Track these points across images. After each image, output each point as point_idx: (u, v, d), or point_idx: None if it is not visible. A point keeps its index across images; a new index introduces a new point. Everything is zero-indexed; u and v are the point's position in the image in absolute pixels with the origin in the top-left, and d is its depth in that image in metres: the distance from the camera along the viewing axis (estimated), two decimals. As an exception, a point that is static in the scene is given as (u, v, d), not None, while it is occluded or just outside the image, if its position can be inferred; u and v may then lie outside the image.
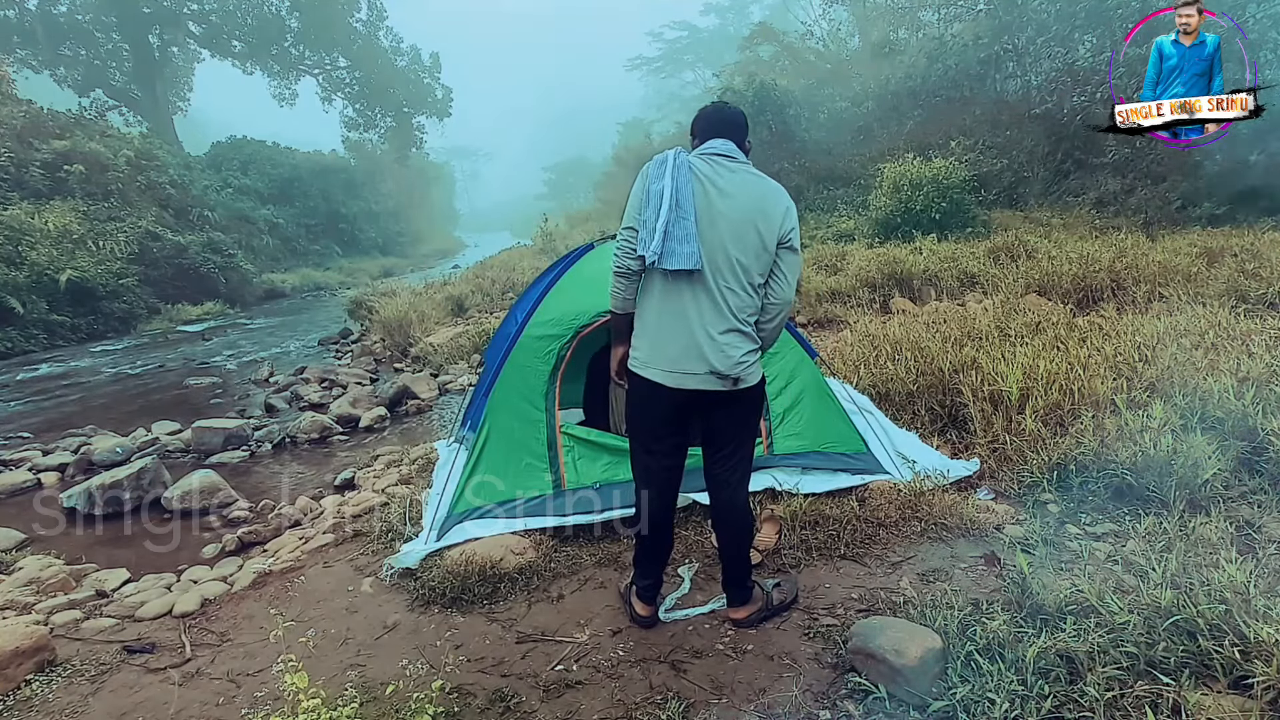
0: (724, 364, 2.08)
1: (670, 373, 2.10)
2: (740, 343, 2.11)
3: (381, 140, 37.45)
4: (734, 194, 2.09)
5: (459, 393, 6.77)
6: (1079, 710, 1.76)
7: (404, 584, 2.83)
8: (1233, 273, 5.92)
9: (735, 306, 2.09)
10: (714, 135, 2.19)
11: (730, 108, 2.27)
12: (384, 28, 34.11)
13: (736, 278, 2.08)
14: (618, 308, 2.23)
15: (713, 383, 2.10)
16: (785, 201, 2.14)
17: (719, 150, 2.15)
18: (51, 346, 12.42)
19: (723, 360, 2.08)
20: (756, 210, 2.09)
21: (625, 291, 2.19)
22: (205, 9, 29.65)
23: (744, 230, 2.07)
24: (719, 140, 2.17)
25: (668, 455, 2.27)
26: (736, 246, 2.07)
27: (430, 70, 36.89)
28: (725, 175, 2.11)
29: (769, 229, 2.09)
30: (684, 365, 2.09)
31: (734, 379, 2.11)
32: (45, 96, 19.87)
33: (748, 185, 2.12)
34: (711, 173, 2.10)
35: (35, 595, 3.12)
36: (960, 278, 8.06)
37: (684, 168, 2.07)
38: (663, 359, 2.11)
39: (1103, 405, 3.39)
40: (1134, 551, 2.51)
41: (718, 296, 2.08)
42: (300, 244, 26.58)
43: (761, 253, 2.10)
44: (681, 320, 2.09)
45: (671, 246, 2.03)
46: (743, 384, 2.13)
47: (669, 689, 2.11)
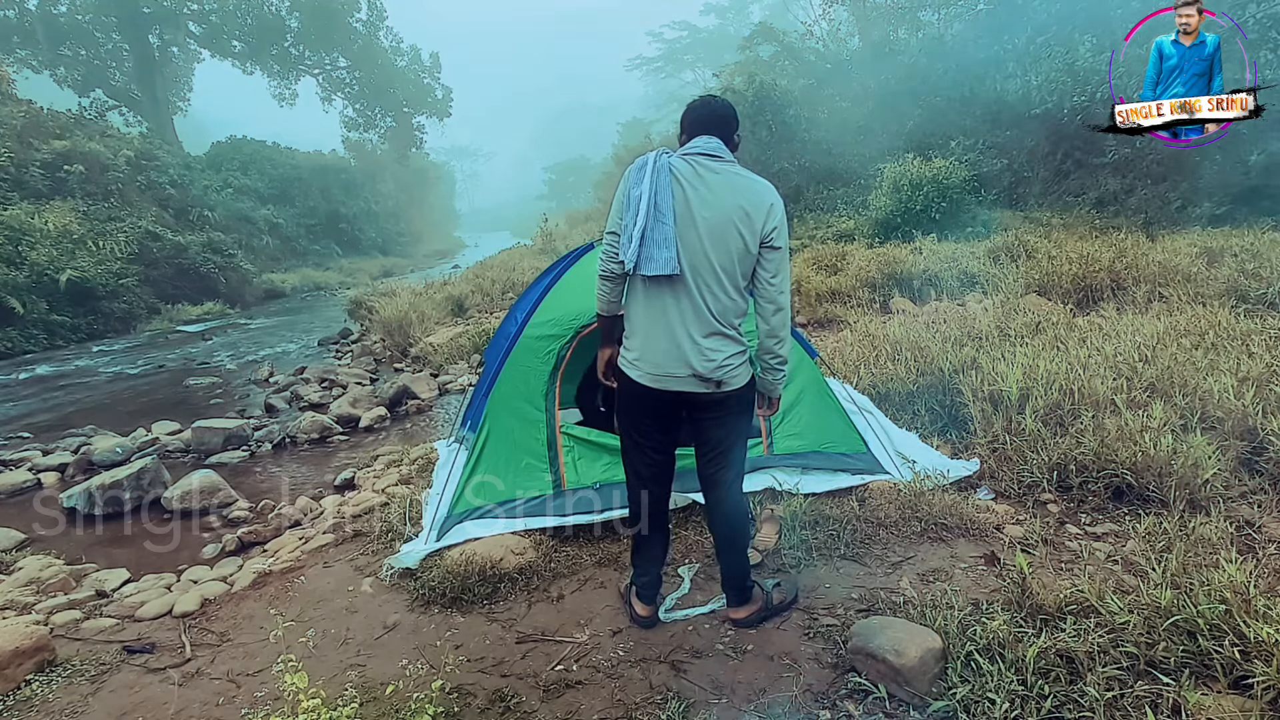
0: (705, 367, 2.09)
1: (654, 375, 2.12)
2: (723, 346, 2.10)
3: (381, 140, 37.45)
4: (714, 195, 2.05)
5: (459, 393, 6.77)
6: (1079, 710, 1.76)
7: (404, 584, 2.83)
8: (1233, 273, 5.92)
9: (718, 310, 2.08)
10: (700, 132, 2.15)
11: (718, 101, 2.22)
12: (384, 28, 34.10)
13: (718, 280, 2.07)
14: (603, 310, 2.26)
15: (696, 385, 2.11)
16: (768, 199, 2.07)
17: (702, 149, 2.11)
18: (51, 346, 12.42)
19: (704, 364, 2.08)
20: (737, 210, 2.04)
21: (609, 295, 2.21)
22: (205, 9, 29.63)
23: (724, 231, 2.04)
24: (703, 138, 2.13)
25: (656, 452, 2.30)
26: (717, 249, 2.05)
27: (430, 70, 36.90)
28: (706, 176, 2.07)
29: (750, 229, 2.05)
30: (667, 368, 2.10)
31: (716, 382, 2.11)
32: (45, 96, 19.87)
33: (729, 185, 2.07)
34: (692, 174, 2.07)
35: (35, 595, 3.12)
36: (960, 278, 8.06)
37: (664, 170, 2.05)
38: (648, 361, 2.13)
39: (1103, 405, 3.39)
40: (1134, 551, 2.51)
41: (699, 300, 2.07)
42: (300, 244, 26.58)
43: (745, 254, 2.07)
44: (664, 324, 2.10)
45: (649, 252, 2.03)
46: (726, 387, 2.13)
47: (669, 689, 2.11)
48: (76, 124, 18.39)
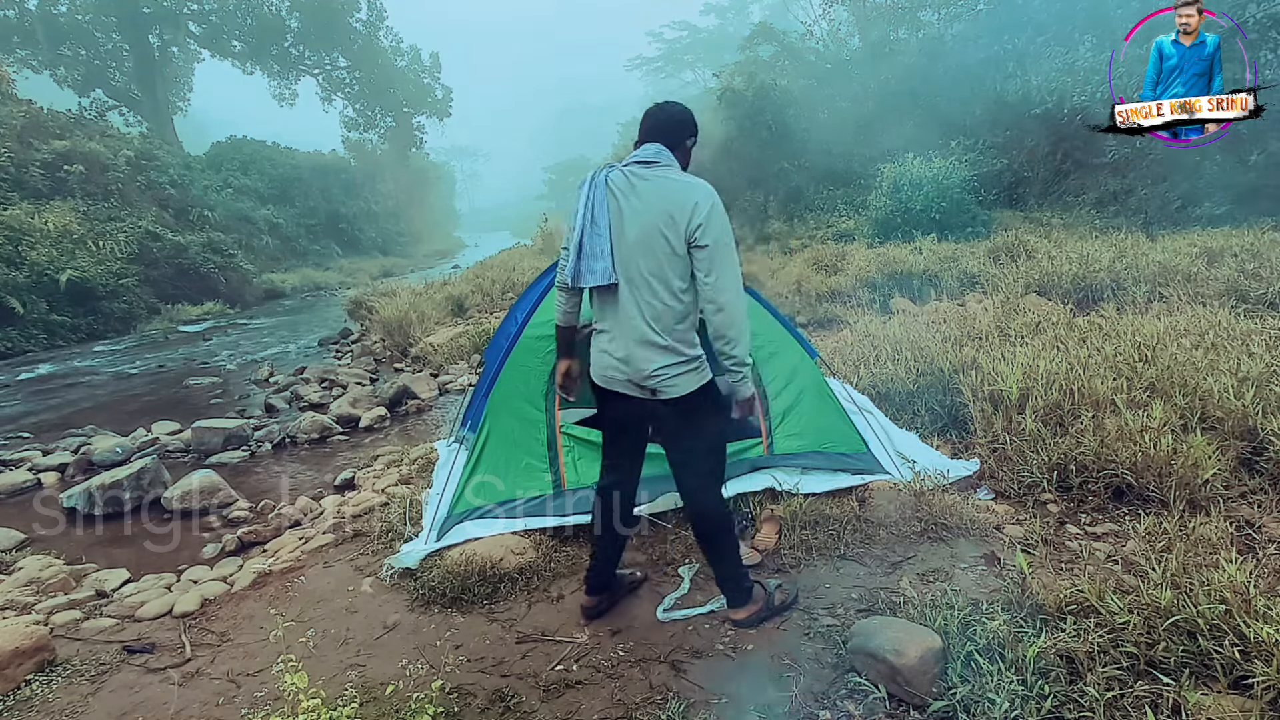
0: (637, 375, 2.15)
1: (602, 375, 2.24)
2: (655, 355, 2.12)
3: (381, 140, 37.48)
4: (642, 202, 2.08)
5: (459, 393, 6.76)
6: (1079, 710, 1.76)
7: (404, 584, 2.83)
8: (1233, 273, 5.93)
9: (653, 316, 2.10)
10: (646, 140, 2.19)
11: (668, 107, 2.25)
12: (384, 28, 34.15)
13: (650, 287, 2.09)
14: (560, 321, 2.39)
15: (633, 390, 2.18)
16: (693, 198, 2.04)
17: (640, 158, 2.15)
18: (51, 346, 12.42)
19: (636, 371, 2.14)
20: (662, 215, 2.05)
21: (565, 305, 2.34)
22: (205, 9, 29.67)
23: (650, 237, 2.06)
24: (646, 146, 2.17)
25: (611, 445, 2.43)
26: (646, 256, 2.08)
27: (430, 70, 36.95)
28: (637, 184, 2.10)
29: (675, 231, 2.04)
30: (609, 371, 2.21)
31: (651, 390, 2.15)
32: (45, 96, 19.87)
33: (656, 191, 2.08)
34: (625, 184, 2.11)
35: (35, 595, 3.12)
36: (960, 278, 8.07)
37: (600, 185, 2.13)
38: (597, 364, 2.25)
39: (1103, 405, 3.39)
40: (1134, 551, 2.51)
41: (633, 308, 2.12)
42: (300, 244, 26.58)
43: (672, 257, 2.07)
44: (608, 330, 2.20)
45: (588, 264, 2.13)
46: (662, 395, 2.14)
47: (669, 689, 2.11)
48: (76, 124, 18.40)
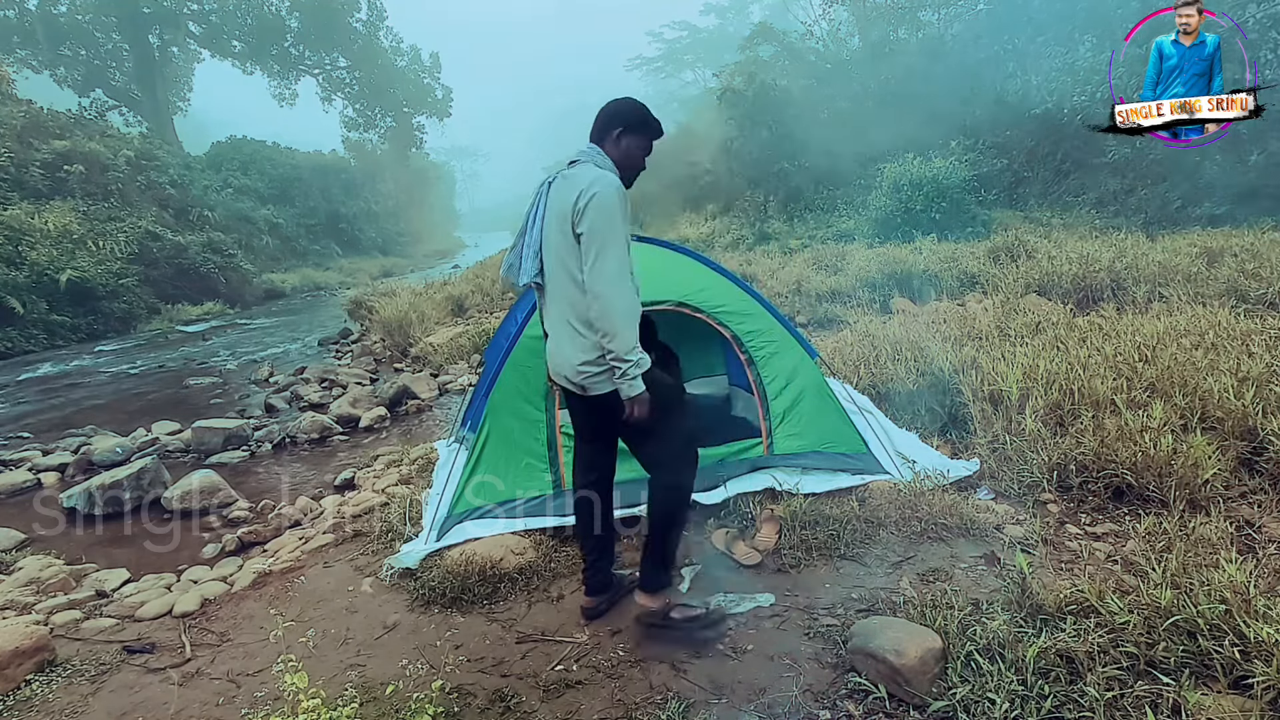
0: (565, 369, 2.20)
1: (551, 375, 2.34)
2: (575, 351, 2.15)
3: (381, 140, 37.45)
4: (555, 199, 2.15)
5: (459, 393, 6.76)
6: (1079, 710, 1.76)
7: (404, 584, 2.83)
8: (1233, 273, 5.93)
9: (571, 313, 2.16)
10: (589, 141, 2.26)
11: (606, 105, 2.28)
12: (384, 28, 34.12)
13: (562, 282, 2.15)
14: None
15: (572, 387, 2.24)
16: (580, 187, 2.03)
17: (574, 158, 2.22)
18: (51, 346, 12.42)
19: (563, 365, 2.21)
20: (559, 210, 2.11)
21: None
22: (205, 9, 29.66)
23: (554, 232, 2.14)
24: (584, 147, 2.24)
25: (597, 454, 2.47)
26: (553, 251, 2.15)
27: (430, 70, 36.93)
28: (560, 183, 2.16)
29: (566, 221, 2.08)
30: (552, 370, 2.30)
31: (580, 386, 2.19)
32: (45, 96, 19.86)
33: (562, 186, 2.14)
34: (557, 184, 2.18)
35: (35, 595, 3.12)
36: (960, 278, 8.07)
37: (544, 189, 2.22)
38: (548, 363, 2.33)
39: (1103, 405, 3.39)
40: (1134, 551, 2.51)
41: (557, 306, 2.19)
42: (300, 244, 26.58)
43: (570, 249, 2.10)
44: (548, 329, 2.30)
45: (524, 264, 2.23)
46: (590, 392, 2.18)
47: (669, 689, 2.11)
48: (76, 124, 18.39)
